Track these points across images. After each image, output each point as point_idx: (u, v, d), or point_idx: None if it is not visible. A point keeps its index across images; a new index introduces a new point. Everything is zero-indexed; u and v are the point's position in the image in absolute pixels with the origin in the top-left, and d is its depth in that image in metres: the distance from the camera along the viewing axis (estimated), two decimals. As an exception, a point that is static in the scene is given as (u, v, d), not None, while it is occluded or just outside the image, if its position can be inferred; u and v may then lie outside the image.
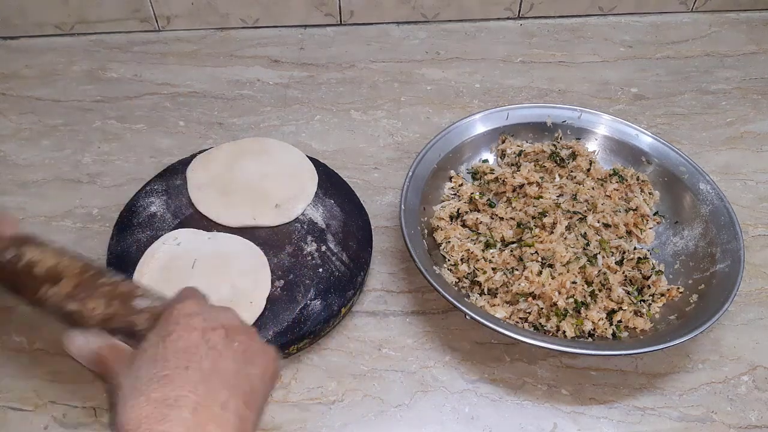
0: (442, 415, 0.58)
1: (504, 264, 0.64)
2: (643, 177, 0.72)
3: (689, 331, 0.56)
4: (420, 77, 0.90)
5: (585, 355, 0.60)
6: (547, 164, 0.73)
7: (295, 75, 0.90)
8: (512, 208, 0.69)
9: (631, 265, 0.65)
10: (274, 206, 0.68)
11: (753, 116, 0.85)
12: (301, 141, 0.81)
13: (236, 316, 0.42)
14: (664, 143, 0.72)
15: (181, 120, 0.83)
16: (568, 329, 0.59)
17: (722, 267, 0.62)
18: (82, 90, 0.87)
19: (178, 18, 0.94)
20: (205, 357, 0.38)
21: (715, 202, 0.67)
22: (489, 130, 0.75)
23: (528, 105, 0.77)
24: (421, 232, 0.66)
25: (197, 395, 0.36)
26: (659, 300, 0.63)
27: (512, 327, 0.59)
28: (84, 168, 0.78)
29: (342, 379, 0.60)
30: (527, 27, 0.98)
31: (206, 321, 0.40)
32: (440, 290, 0.57)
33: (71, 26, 0.94)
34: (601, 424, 0.57)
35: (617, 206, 0.69)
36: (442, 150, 0.72)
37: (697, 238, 0.67)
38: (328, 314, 0.60)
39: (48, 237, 0.69)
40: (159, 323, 0.40)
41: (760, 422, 0.58)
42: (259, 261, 0.63)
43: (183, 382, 0.36)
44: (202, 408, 0.35)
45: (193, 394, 0.35)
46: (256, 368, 0.40)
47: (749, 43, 0.96)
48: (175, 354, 0.37)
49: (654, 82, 0.90)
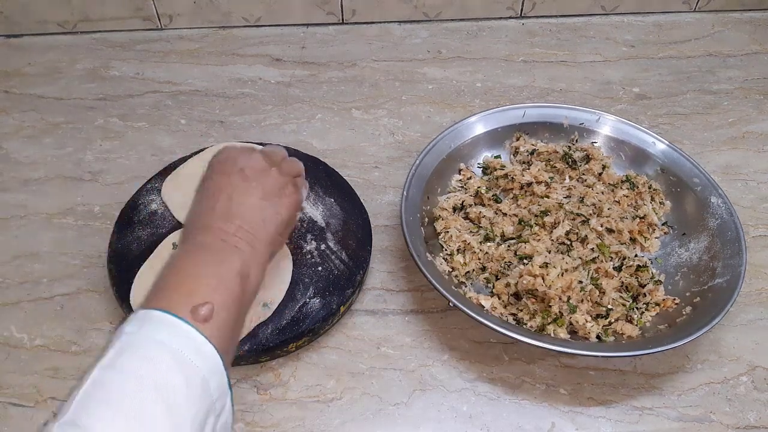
0: (440, 414, 0.58)
1: (500, 257, 0.64)
2: (656, 186, 0.72)
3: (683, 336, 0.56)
4: (421, 76, 0.90)
5: (585, 356, 0.60)
6: (558, 165, 0.73)
7: (296, 73, 0.90)
8: (517, 205, 0.69)
9: (629, 271, 0.64)
10: None
11: (755, 116, 0.85)
12: (302, 139, 0.81)
13: (258, 158, 0.53)
14: (680, 153, 0.71)
15: (183, 118, 0.84)
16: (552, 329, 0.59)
17: (720, 281, 0.61)
18: (84, 88, 0.88)
19: (180, 16, 0.95)
20: (227, 198, 0.50)
21: (724, 217, 0.66)
22: (504, 127, 0.75)
23: (546, 104, 0.76)
24: (422, 220, 0.66)
25: (218, 226, 0.49)
26: (653, 309, 0.63)
27: (512, 326, 0.59)
28: (86, 166, 0.78)
29: (341, 378, 0.60)
30: (529, 26, 0.98)
31: (231, 167, 0.52)
32: (436, 285, 0.58)
33: (74, 24, 0.94)
34: (599, 423, 0.57)
35: (624, 213, 0.69)
36: (453, 141, 0.72)
37: (701, 251, 0.66)
38: (327, 312, 0.60)
39: (49, 234, 0.70)
40: (206, 170, 0.54)
41: (758, 422, 0.58)
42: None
43: (209, 217, 0.50)
44: (219, 230, 0.48)
45: (216, 223, 0.49)
46: (270, 202, 0.51)
47: (752, 43, 0.96)
48: (207, 197, 0.51)
49: (656, 81, 0.90)
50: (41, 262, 0.68)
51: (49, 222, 0.72)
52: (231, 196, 0.50)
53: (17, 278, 0.67)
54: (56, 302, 0.65)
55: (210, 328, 0.42)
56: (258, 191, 0.51)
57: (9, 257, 0.69)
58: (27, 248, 0.70)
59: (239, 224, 0.49)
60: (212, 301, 0.43)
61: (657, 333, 0.60)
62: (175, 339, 0.41)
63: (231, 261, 0.47)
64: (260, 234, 0.50)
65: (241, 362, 0.60)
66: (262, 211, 0.51)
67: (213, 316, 0.43)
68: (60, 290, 0.66)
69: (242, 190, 0.51)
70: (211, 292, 0.44)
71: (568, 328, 0.60)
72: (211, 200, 0.51)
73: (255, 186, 0.51)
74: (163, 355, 0.40)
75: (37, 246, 0.70)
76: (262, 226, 0.50)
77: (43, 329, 0.63)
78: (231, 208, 0.50)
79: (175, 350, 0.40)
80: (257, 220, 0.50)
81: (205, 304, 0.43)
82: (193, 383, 0.40)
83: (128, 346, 0.40)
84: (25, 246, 0.70)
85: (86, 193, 0.75)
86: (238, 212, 0.50)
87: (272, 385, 0.59)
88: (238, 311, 0.46)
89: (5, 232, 0.71)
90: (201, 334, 0.42)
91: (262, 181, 0.52)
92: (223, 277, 0.46)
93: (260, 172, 0.52)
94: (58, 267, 0.68)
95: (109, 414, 0.37)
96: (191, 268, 0.47)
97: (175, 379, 0.39)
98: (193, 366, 0.40)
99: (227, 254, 0.47)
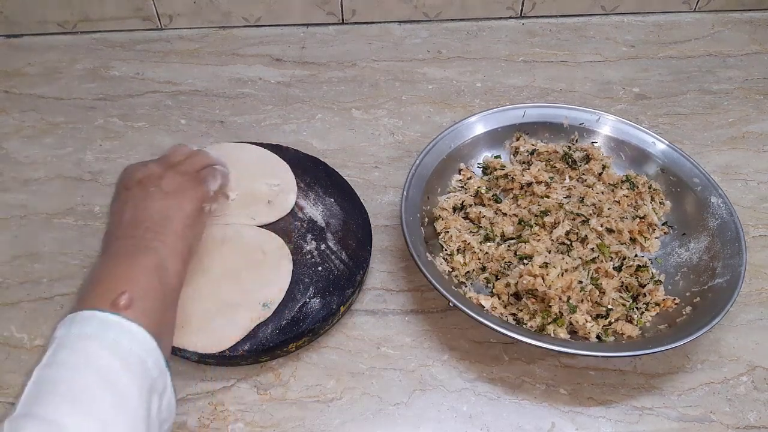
0: (440, 414, 0.58)
1: (500, 257, 0.64)
2: (656, 186, 0.72)
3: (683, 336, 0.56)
4: (421, 76, 0.90)
5: (585, 356, 0.60)
6: (558, 165, 0.73)
7: (296, 74, 0.90)
8: (517, 205, 0.69)
9: (629, 271, 0.64)
10: (266, 203, 0.68)
11: (755, 116, 0.85)
12: (302, 139, 0.81)
13: (154, 166, 0.57)
14: (680, 153, 0.71)
15: (183, 118, 0.84)
16: (552, 329, 0.59)
17: (720, 282, 0.61)
18: (84, 88, 0.88)
19: (180, 16, 0.95)
20: (131, 208, 0.54)
21: (724, 217, 0.66)
22: (504, 127, 0.74)
23: (546, 104, 0.76)
24: (422, 220, 0.66)
25: (126, 232, 0.53)
26: (653, 309, 0.63)
27: (512, 326, 0.59)
28: (86, 166, 0.78)
29: (340, 378, 0.60)
30: (529, 26, 0.98)
31: (130, 180, 0.56)
32: (436, 285, 0.58)
33: (74, 24, 0.94)
34: (599, 423, 0.57)
35: (624, 213, 0.69)
36: (453, 141, 0.72)
37: (701, 251, 0.66)
38: (327, 312, 0.60)
39: (49, 234, 0.70)
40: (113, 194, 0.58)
41: (758, 423, 0.58)
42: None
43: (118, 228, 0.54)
44: (128, 237, 0.52)
45: (124, 231, 0.53)
46: (171, 201, 0.55)
47: (752, 43, 0.96)
48: (115, 213, 0.55)
49: (656, 81, 0.90)
50: (41, 262, 0.68)
51: (49, 222, 0.72)
52: (136, 205, 0.54)
53: (17, 278, 0.67)
54: (56, 302, 0.65)
55: (134, 313, 0.46)
56: (157, 194, 0.55)
57: (9, 257, 0.69)
58: (27, 248, 0.70)
59: (147, 226, 0.53)
60: (129, 291, 0.47)
61: (657, 333, 0.60)
62: (103, 329, 0.45)
63: (144, 258, 0.51)
64: (167, 230, 0.53)
65: (241, 362, 0.60)
66: (166, 210, 0.54)
67: (132, 303, 0.47)
68: (60, 290, 0.66)
69: (143, 197, 0.55)
70: (126, 285, 0.48)
71: (568, 328, 0.60)
72: (118, 215, 0.55)
73: (153, 191, 0.55)
74: (95, 345, 0.44)
75: (37, 246, 0.70)
76: (168, 222, 0.54)
77: (43, 329, 0.63)
78: (137, 215, 0.54)
79: (106, 338, 0.44)
80: (162, 218, 0.54)
81: (123, 294, 0.47)
82: (129, 362, 0.44)
83: (61, 346, 0.44)
84: (25, 246, 0.70)
85: (86, 193, 0.75)
86: (144, 217, 0.53)
87: (272, 385, 0.59)
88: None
89: (5, 232, 0.71)
90: (127, 319, 0.45)
91: (160, 185, 0.56)
92: (136, 272, 0.49)
93: (156, 177, 0.56)
94: (58, 267, 0.68)
95: (56, 400, 0.41)
96: (106, 271, 0.50)
97: (112, 362, 0.43)
98: (125, 348, 0.44)
99: (139, 253, 0.51)
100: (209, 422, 0.57)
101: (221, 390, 0.59)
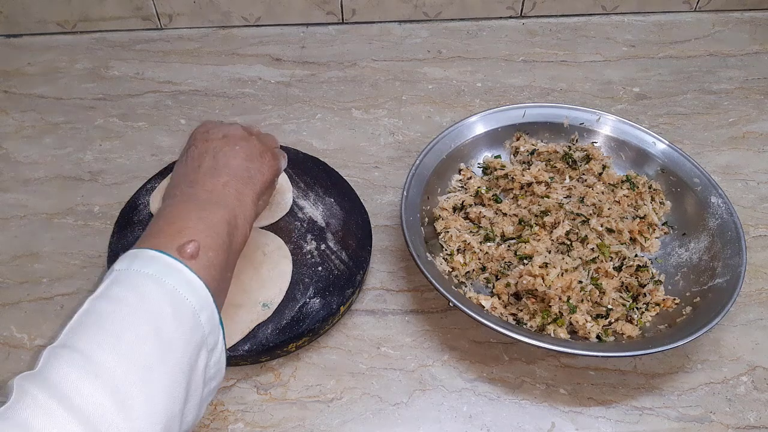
0: (440, 414, 0.58)
1: (500, 257, 0.64)
2: (656, 186, 0.72)
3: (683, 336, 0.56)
4: (421, 76, 0.90)
5: (585, 356, 0.60)
6: (558, 165, 0.73)
7: (296, 73, 0.90)
8: (517, 205, 0.69)
9: (629, 271, 0.64)
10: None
11: (755, 116, 0.85)
12: (301, 139, 0.81)
13: (238, 128, 0.56)
14: (680, 153, 0.71)
15: (183, 118, 0.84)
16: (552, 329, 0.59)
17: (720, 282, 0.61)
18: (84, 88, 0.88)
19: (180, 16, 0.95)
20: (211, 158, 0.53)
21: (724, 217, 0.66)
22: (504, 127, 0.74)
23: (546, 104, 0.76)
24: (422, 220, 0.66)
25: (205, 180, 0.51)
26: (653, 309, 0.63)
27: (512, 326, 0.59)
28: (85, 166, 0.78)
29: (341, 378, 0.60)
30: (529, 26, 0.98)
31: (213, 134, 0.55)
32: (436, 285, 0.57)
33: (74, 24, 0.94)
34: (599, 423, 0.57)
35: (625, 213, 0.69)
36: (454, 141, 0.72)
37: (701, 251, 0.65)
38: (327, 312, 0.60)
39: (49, 234, 0.70)
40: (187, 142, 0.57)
41: (758, 423, 0.58)
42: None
43: (195, 174, 0.52)
44: (206, 184, 0.51)
45: (203, 178, 0.52)
46: (254, 163, 0.54)
47: (752, 42, 0.96)
48: (192, 159, 0.54)
49: (656, 81, 0.90)
50: (41, 262, 0.68)
51: (49, 222, 0.72)
52: (216, 156, 0.53)
53: (17, 278, 0.67)
54: (56, 302, 0.65)
55: (197, 264, 0.45)
56: (242, 153, 0.54)
57: (9, 257, 0.69)
58: (27, 248, 0.70)
59: (227, 180, 0.52)
60: (198, 240, 0.46)
61: (657, 333, 0.60)
62: (164, 273, 0.43)
63: (218, 210, 0.49)
64: (246, 189, 0.52)
65: (241, 362, 0.60)
66: (248, 171, 0.53)
67: (200, 254, 0.45)
68: (60, 290, 0.66)
69: (226, 151, 0.54)
70: (197, 234, 0.46)
71: (568, 328, 0.60)
72: (197, 161, 0.53)
73: (238, 149, 0.54)
74: (153, 287, 0.42)
75: (37, 246, 0.70)
76: (248, 181, 0.53)
77: (43, 329, 0.63)
78: (217, 166, 0.52)
79: (164, 283, 0.43)
80: (244, 176, 0.53)
81: (191, 242, 0.45)
82: (182, 312, 0.42)
83: (118, 280, 0.43)
84: (25, 246, 0.70)
85: (86, 193, 0.75)
86: (225, 170, 0.52)
87: (272, 385, 0.59)
88: (226, 257, 0.48)
89: (5, 232, 0.71)
90: (189, 269, 0.44)
91: (244, 146, 0.55)
92: (209, 222, 0.48)
93: (241, 138, 0.55)
94: (58, 267, 0.68)
95: (99, 335, 0.39)
96: (177, 213, 0.49)
97: (165, 308, 0.42)
98: (182, 297, 0.43)
99: (214, 204, 0.50)
100: (209, 422, 0.57)
101: (221, 390, 0.59)
